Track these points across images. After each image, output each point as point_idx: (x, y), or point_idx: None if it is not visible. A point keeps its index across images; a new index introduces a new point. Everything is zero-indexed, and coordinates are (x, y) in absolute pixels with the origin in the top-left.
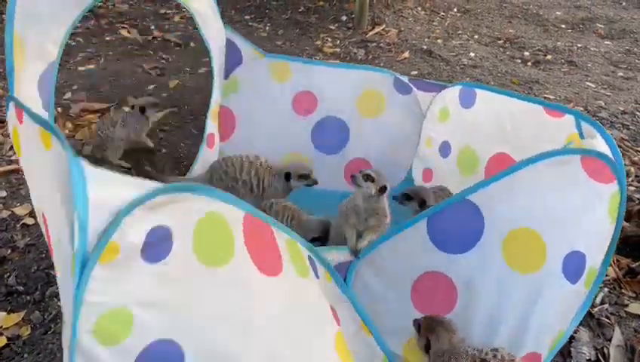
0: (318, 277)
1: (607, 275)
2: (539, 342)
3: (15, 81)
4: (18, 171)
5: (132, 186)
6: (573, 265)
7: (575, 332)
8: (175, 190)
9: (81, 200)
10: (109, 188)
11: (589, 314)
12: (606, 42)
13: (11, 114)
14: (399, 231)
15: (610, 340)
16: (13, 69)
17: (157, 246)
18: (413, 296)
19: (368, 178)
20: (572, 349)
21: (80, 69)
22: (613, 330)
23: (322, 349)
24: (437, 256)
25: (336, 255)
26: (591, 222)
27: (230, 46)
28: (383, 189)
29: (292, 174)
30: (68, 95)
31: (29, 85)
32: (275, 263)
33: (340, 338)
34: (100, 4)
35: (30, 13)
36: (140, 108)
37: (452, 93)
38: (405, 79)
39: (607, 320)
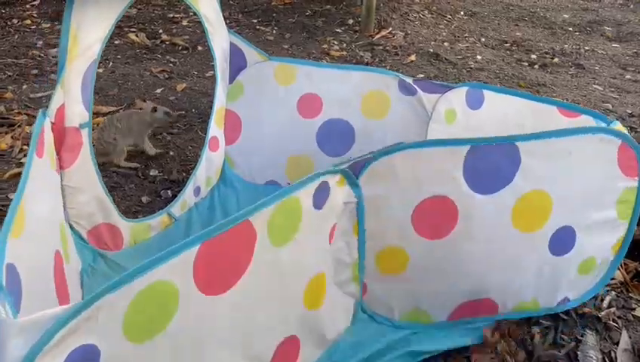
0: (319, 208)
1: (614, 278)
2: (505, 292)
3: (65, 78)
4: None
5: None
6: (560, 238)
7: (582, 335)
8: (92, 301)
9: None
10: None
11: (597, 318)
12: (614, 45)
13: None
14: (437, 144)
15: (617, 344)
16: (65, 63)
17: None
18: (418, 210)
19: None
20: (579, 353)
21: None
22: (621, 334)
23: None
24: (458, 185)
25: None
26: (599, 207)
27: (234, 50)
28: None
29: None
30: None
31: (75, 83)
32: (231, 275)
33: (315, 281)
34: None
35: (84, 10)
36: (153, 108)
37: (458, 94)
38: (410, 80)
39: (615, 324)
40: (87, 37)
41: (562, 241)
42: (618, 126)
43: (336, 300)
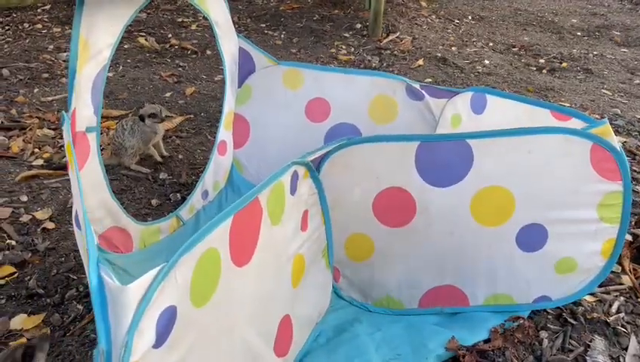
0: (293, 194)
1: (622, 284)
2: (473, 284)
3: (76, 84)
4: (39, 176)
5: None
6: (529, 235)
7: (590, 340)
8: (174, 262)
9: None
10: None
11: (605, 323)
12: (622, 49)
13: (67, 129)
14: (389, 140)
15: (626, 349)
16: (76, 68)
17: (165, 329)
18: (378, 199)
19: None
20: (587, 358)
21: None
22: (630, 339)
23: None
24: (413, 177)
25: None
26: (573, 208)
27: (243, 54)
28: None
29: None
30: None
31: (85, 88)
32: (250, 248)
33: (297, 262)
34: None
35: (94, 16)
36: (140, 117)
37: (464, 99)
38: (417, 85)
39: (623, 329)
40: (97, 42)
41: (531, 238)
42: (603, 127)
43: (315, 281)
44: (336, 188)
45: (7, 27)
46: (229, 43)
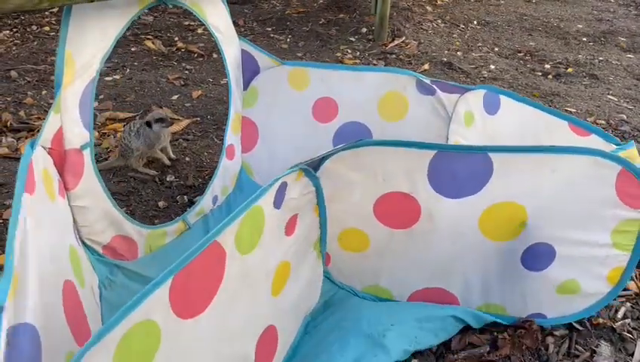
0: (279, 207)
1: (629, 289)
2: (466, 290)
3: (61, 99)
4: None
5: None
6: (536, 254)
7: (596, 346)
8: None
9: None
10: None
11: (611, 329)
12: (628, 55)
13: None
14: (406, 145)
15: (632, 355)
16: (61, 86)
17: None
18: (380, 201)
19: None
20: None
21: (106, 78)
22: (636, 345)
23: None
24: (422, 185)
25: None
26: (586, 230)
27: (246, 56)
28: None
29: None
30: (94, 104)
31: (73, 104)
32: (207, 294)
33: (281, 270)
34: None
35: (81, 30)
36: (147, 123)
37: (476, 96)
38: (428, 80)
39: (630, 335)
40: (83, 58)
41: (537, 257)
42: (631, 150)
43: (303, 280)
44: (336, 185)
45: (15, 30)
46: (231, 47)
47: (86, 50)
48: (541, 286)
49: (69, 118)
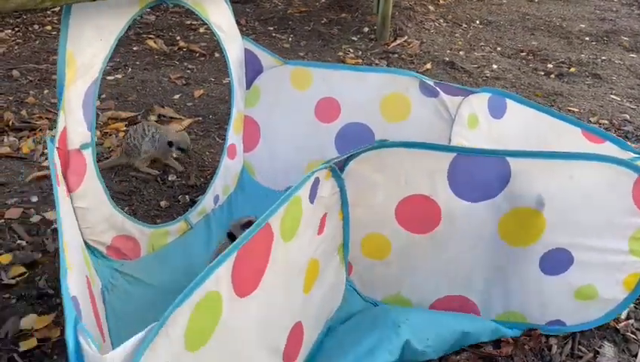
0: (312, 202)
1: None
2: (487, 298)
3: (65, 99)
4: (49, 177)
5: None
6: (553, 259)
7: (600, 347)
8: (165, 319)
9: None
10: None
11: (615, 330)
12: (631, 55)
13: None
14: (429, 148)
15: (635, 356)
16: (63, 86)
17: None
18: (401, 204)
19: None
20: None
21: (108, 78)
22: (639, 346)
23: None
24: (443, 188)
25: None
26: (604, 237)
27: (249, 56)
28: None
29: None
30: (97, 103)
31: (76, 105)
32: (257, 275)
33: (311, 267)
34: None
35: (82, 29)
36: (169, 143)
37: (480, 99)
38: (431, 82)
39: (633, 336)
40: (84, 57)
41: (555, 262)
42: None
43: (328, 282)
44: (359, 187)
45: (17, 29)
46: (233, 47)
47: (87, 49)
48: (559, 291)
49: (73, 119)
